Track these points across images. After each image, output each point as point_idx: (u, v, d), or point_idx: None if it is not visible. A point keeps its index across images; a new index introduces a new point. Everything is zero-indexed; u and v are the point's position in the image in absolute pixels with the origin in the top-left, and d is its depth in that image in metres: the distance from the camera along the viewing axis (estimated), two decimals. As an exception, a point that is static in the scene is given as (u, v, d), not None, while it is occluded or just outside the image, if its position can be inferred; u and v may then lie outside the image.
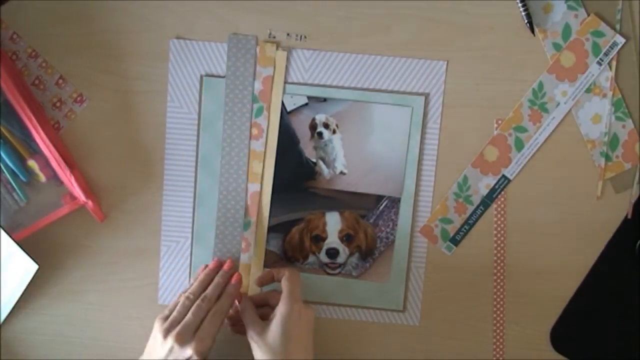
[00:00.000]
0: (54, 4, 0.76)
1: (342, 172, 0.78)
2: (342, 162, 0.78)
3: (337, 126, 0.77)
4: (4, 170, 0.75)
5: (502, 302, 0.79)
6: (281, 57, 0.76)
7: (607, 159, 0.77)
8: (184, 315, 0.70)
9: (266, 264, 0.79)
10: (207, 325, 0.69)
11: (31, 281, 0.75)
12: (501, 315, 0.80)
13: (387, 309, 0.80)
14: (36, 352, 0.81)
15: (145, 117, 0.78)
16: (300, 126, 0.78)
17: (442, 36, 0.76)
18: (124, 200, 0.79)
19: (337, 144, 0.78)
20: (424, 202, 0.78)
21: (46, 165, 0.75)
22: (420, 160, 0.78)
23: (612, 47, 0.76)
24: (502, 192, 0.78)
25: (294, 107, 0.77)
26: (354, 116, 0.77)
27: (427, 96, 0.77)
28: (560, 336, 0.79)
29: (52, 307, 0.80)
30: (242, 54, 0.76)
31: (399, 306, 0.80)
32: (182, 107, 0.77)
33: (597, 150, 0.77)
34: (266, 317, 0.72)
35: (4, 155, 0.74)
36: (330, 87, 0.77)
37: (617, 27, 0.76)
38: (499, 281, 0.79)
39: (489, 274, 0.79)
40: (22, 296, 0.76)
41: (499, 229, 0.79)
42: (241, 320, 0.73)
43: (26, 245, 0.74)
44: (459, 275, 0.79)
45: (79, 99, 0.77)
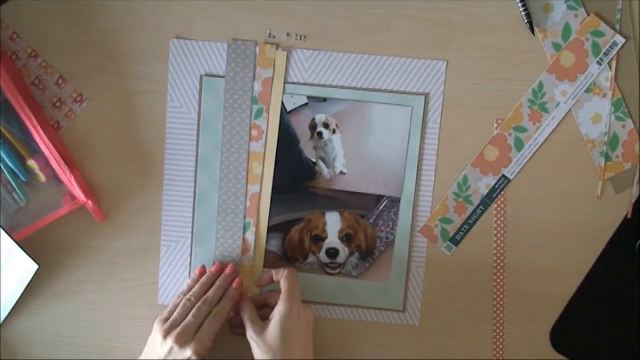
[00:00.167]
0: (54, 4, 0.76)
1: (342, 172, 0.78)
2: (342, 162, 0.78)
3: (337, 126, 0.77)
4: (4, 170, 0.75)
5: (502, 302, 0.79)
6: (281, 57, 0.76)
7: (607, 159, 0.77)
8: (184, 316, 0.71)
9: (266, 264, 0.79)
10: (207, 327, 0.70)
11: (31, 281, 0.75)
12: (501, 315, 0.80)
13: (387, 309, 0.80)
14: (36, 352, 0.81)
15: (145, 117, 0.78)
16: (300, 126, 0.78)
17: (442, 36, 0.76)
18: (124, 200, 0.79)
19: (337, 144, 0.78)
20: (424, 202, 0.78)
21: (46, 165, 0.75)
22: (420, 160, 0.78)
23: (612, 47, 0.76)
24: (502, 192, 0.78)
25: (294, 107, 0.77)
26: (354, 116, 0.77)
27: (427, 96, 0.77)
28: (560, 336, 0.79)
29: (52, 307, 0.80)
30: (241, 59, 0.76)
31: (399, 306, 0.80)
32: (182, 107, 0.77)
33: (597, 150, 0.77)
34: (266, 318, 0.72)
35: (4, 155, 0.74)
36: (330, 87, 0.77)
37: (617, 27, 0.75)
38: (499, 281, 0.79)
39: (489, 274, 0.79)
40: (22, 296, 0.76)
41: (499, 229, 0.79)
42: (242, 322, 0.73)
43: (26, 245, 0.74)
44: (459, 275, 0.79)
45: (79, 99, 0.77)
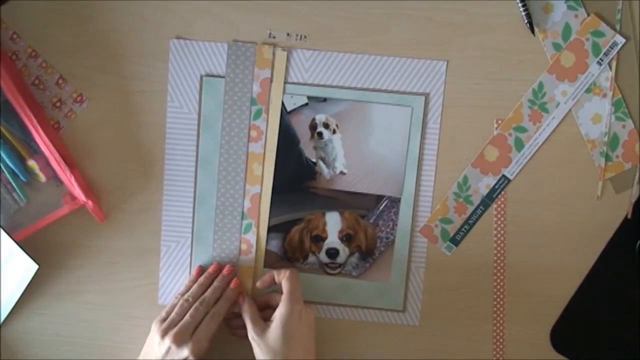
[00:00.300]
0: (53, 4, 0.76)
1: (342, 172, 0.78)
2: (342, 162, 0.78)
3: (337, 126, 0.77)
4: (4, 170, 0.75)
5: (502, 302, 0.79)
6: (281, 57, 0.76)
7: (607, 159, 0.77)
8: (182, 316, 0.71)
9: (266, 264, 0.79)
10: (204, 327, 0.71)
11: (31, 281, 0.75)
12: (501, 315, 0.80)
13: (387, 309, 0.80)
14: (36, 352, 0.81)
15: (145, 117, 0.78)
16: (300, 126, 0.78)
17: (442, 36, 0.76)
18: (124, 200, 0.79)
19: (337, 144, 0.78)
20: (424, 202, 0.78)
21: (46, 165, 0.75)
22: (420, 160, 0.78)
23: (612, 47, 0.76)
24: (502, 192, 0.78)
25: (294, 107, 0.77)
26: (354, 116, 0.77)
27: (427, 96, 0.77)
28: (560, 336, 0.79)
29: (52, 307, 0.80)
30: (241, 60, 0.76)
31: (399, 306, 0.80)
32: (182, 107, 0.77)
33: (597, 150, 0.77)
34: (269, 319, 0.72)
35: (4, 155, 0.74)
36: (330, 87, 0.77)
37: (617, 27, 0.75)
38: (499, 281, 0.79)
39: (489, 274, 0.79)
40: (22, 296, 0.76)
41: (499, 229, 0.79)
42: (243, 324, 0.73)
43: (26, 245, 0.74)
44: (459, 275, 0.79)
45: (79, 99, 0.77)
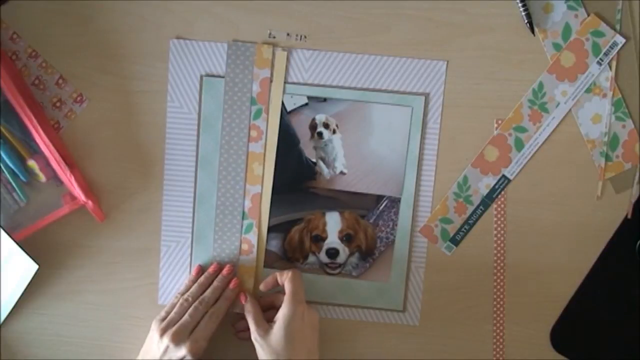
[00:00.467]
0: (54, 4, 0.76)
1: (342, 172, 0.78)
2: (342, 162, 0.78)
3: (337, 126, 0.77)
4: (4, 170, 0.75)
5: (502, 302, 0.79)
6: (281, 57, 0.76)
7: (607, 159, 0.77)
8: (181, 315, 0.71)
9: (266, 264, 0.79)
10: (203, 327, 0.71)
11: (31, 281, 0.75)
12: (501, 315, 0.80)
13: (387, 309, 0.80)
14: (36, 352, 0.81)
15: (145, 117, 0.78)
16: (300, 126, 0.78)
17: (442, 36, 0.76)
18: (124, 200, 0.79)
19: (337, 144, 0.78)
20: (424, 202, 0.78)
21: (46, 165, 0.75)
22: (420, 160, 0.78)
23: (612, 47, 0.76)
24: (502, 192, 0.78)
25: (294, 107, 0.77)
26: (354, 116, 0.77)
27: (427, 96, 0.77)
28: (560, 336, 0.79)
29: (52, 307, 0.80)
30: (241, 60, 0.76)
31: (399, 306, 0.80)
32: (182, 107, 0.77)
33: (597, 150, 0.77)
34: (272, 319, 0.72)
35: (4, 155, 0.74)
36: (330, 87, 0.77)
37: (617, 27, 0.75)
38: (499, 281, 0.79)
39: (489, 274, 0.79)
40: (22, 296, 0.76)
41: (499, 229, 0.79)
42: (247, 326, 0.73)
43: (26, 245, 0.74)
44: (459, 275, 0.79)
45: (79, 99, 0.77)
